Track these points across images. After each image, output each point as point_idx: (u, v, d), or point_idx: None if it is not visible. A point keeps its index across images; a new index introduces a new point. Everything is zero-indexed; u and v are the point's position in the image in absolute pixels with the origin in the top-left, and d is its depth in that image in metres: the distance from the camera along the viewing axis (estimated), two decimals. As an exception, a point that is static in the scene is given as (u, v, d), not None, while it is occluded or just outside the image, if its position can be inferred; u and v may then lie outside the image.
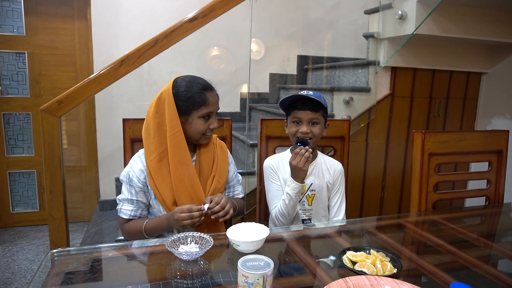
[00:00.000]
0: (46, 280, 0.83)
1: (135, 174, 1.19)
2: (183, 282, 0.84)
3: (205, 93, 1.18)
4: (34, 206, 3.00)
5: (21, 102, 2.85)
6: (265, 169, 1.41)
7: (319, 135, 1.33)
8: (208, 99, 1.18)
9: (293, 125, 1.34)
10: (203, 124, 1.20)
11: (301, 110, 1.30)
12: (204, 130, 1.21)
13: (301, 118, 1.31)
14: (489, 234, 1.28)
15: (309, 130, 1.30)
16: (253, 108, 2.93)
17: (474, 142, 1.56)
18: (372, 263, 0.89)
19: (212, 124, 1.22)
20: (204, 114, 1.19)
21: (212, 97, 1.20)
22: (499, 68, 2.58)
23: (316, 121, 1.31)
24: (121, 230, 1.26)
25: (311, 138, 1.31)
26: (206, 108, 1.18)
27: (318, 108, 1.30)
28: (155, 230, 1.19)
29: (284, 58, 3.16)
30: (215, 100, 1.21)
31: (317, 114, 1.30)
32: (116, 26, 2.63)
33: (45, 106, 1.47)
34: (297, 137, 1.32)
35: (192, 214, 1.08)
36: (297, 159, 1.23)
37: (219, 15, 1.66)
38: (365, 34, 2.45)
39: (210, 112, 1.20)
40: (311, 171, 1.38)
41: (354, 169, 2.34)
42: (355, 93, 2.30)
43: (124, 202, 1.22)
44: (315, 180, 1.38)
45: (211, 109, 1.20)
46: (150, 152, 1.19)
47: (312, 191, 1.37)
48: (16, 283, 2.15)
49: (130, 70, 1.57)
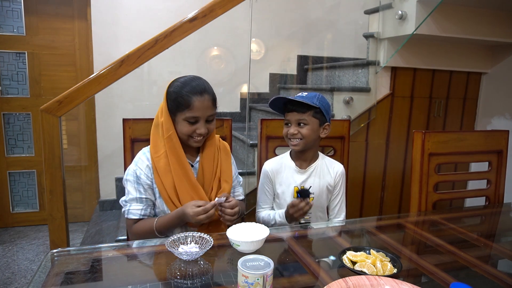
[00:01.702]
0: (46, 280, 0.83)
1: (142, 171, 1.17)
2: (183, 282, 0.84)
3: (192, 96, 1.12)
4: (34, 206, 3.00)
5: (21, 102, 2.85)
6: (263, 172, 1.42)
7: (309, 136, 1.31)
8: (193, 103, 1.12)
9: (285, 127, 1.36)
10: (186, 127, 1.15)
11: (289, 112, 1.32)
12: (189, 133, 1.16)
13: (290, 119, 1.32)
14: (489, 234, 1.28)
15: (297, 131, 1.30)
16: (253, 108, 2.93)
17: (474, 142, 1.56)
18: (372, 263, 0.89)
19: (199, 129, 1.15)
20: (188, 118, 1.14)
21: (199, 102, 1.13)
22: (499, 68, 2.58)
23: (304, 122, 1.30)
24: (130, 232, 1.20)
25: (301, 138, 1.30)
26: (190, 112, 1.13)
27: (305, 109, 1.29)
28: (167, 227, 1.15)
29: (284, 58, 3.16)
30: (203, 106, 1.14)
31: (304, 115, 1.29)
32: (116, 26, 2.63)
33: (45, 106, 1.47)
34: (287, 138, 1.33)
35: (206, 208, 1.07)
36: (294, 210, 1.21)
37: (219, 15, 1.66)
38: (365, 34, 2.45)
39: (195, 117, 1.14)
40: (310, 173, 1.37)
41: (354, 169, 2.34)
42: (355, 93, 2.30)
43: (132, 202, 1.17)
44: (315, 183, 1.36)
45: (196, 114, 1.13)
46: (158, 149, 1.18)
47: (311, 194, 1.36)
48: (16, 283, 2.15)
49: (130, 70, 1.57)
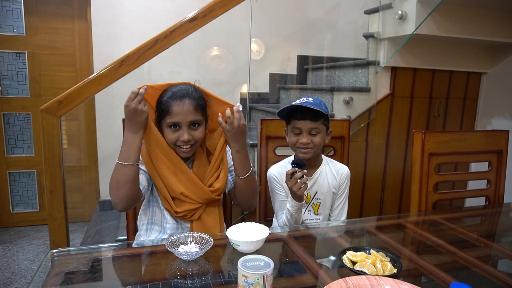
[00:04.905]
0: (46, 280, 0.83)
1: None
2: (183, 282, 0.84)
3: (171, 101, 1.09)
4: (34, 206, 3.00)
5: (21, 102, 2.85)
6: (269, 179, 1.38)
7: (321, 144, 1.28)
8: (171, 108, 1.09)
9: (293, 135, 1.29)
10: (170, 134, 1.12)
11: (301, 120, 1.25)
12: (174, 141, 1.12)
13: (301, 128, 1.26)
14: (489, 234, 1.28)
15: (310, 140, 1.25)
16: (253, 108, 2.93)
17: (474, 142, 1.56)
18: (372, 263, 0.89)
19: (181, 136, 1.10)
20: (169, 124, 1.11)
21: (177, 107, 1.09)
22: (499, 68, 2.58)
23: (317, 131, 1.26)
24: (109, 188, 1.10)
25: (311, 147, 1.27)
26: (170, 118, 1.10)
27: (318, 117, 1.25)
28: (123, 150, 1.09)
29: (284, 58, 3.16)
30: (182, 110, 1.09)
31: (317, 123, 1.25)
32: (116, 26, 2.64)
33: (45, 106, 1.47)
34: (298, 147, 1.28)
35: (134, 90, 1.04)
36: (292, 182, 1.17)
37: (219, 15, 1.66)
38: (365, 34, 2.45)
39: (175, 123, 1.10)
40: (315, 179, 1.35)
41: (354, 169, 2.34)
42: (355, 93, 2.30)
43: None
44: (320, 189, 1.35)
45: (175, 119, 1.09)
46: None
47: (317, 199, 1.35)
48: (16, 283, 2.15)
49: (130, 70, 1.57)
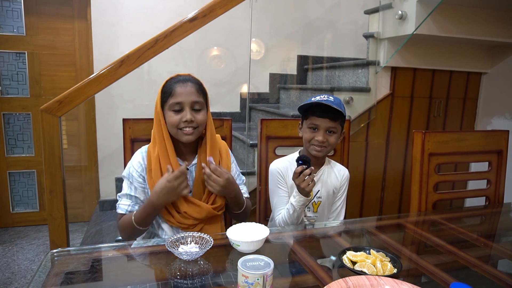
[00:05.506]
0: (46, 280, 0.83)
1: (135, 170, 1.18)
2: (183, 282, 0.84)
3: (175, 84, 1.15)
4: (34, 206, 3.00)
5: (21, 102, 2.85)
6: (272, 173, 1.36)
7: (334, 145, 1.28)
8: (175, 89, 1.14)
9: (310, 131, 1.28)
10: (172, 116, 1.15)
11: (320, 118, 1.23)
12: (176, 123, 1.15)
13: (319, 125, 1.24)
14: (489, 234, 1.28)
15: (326, 139, 1.24)
16: (253, 108, 2.93)
17: (474, 142, 1.56)
18: (372, 263, 0.89)
19: (184, 116, 1.14)
20: (172, 105, 1.14)
21: (180, 88, 1.14)
22: (499, 68, 2.58)
23: (334, 130, 1.25)
24: (118, 228, 1.21)
25: (326, 146, 1.26)
26: (173, 98, 1.14)
27: (337, 117, 1.24)
28: (143, 216, 1.14)
29: (284, 58, 3.16)
30: (185, 91, 1.14)
31: (335, 123, 1.24)
32: (116, 26, 2.64)
33: (45, 106, 1.47)
34: (312, 144, 1.27)
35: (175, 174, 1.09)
36: (300, 179, 1.16)
37: (219, 15, 1.66)
38: (365, 34, 2.45)
39: (178, 103, 1.14)
40: (318, 178, 1.35)
41: (354, 169, 2.34)
42: (355, 93, 2.30)
43: (123, 197, 1.20)
44: (323, 188, 1.35)
45: (178, 99, 1.14)
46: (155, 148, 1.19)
47: (319, 198, 1.35)
48: (16, 283, 2.15)
49: (130, 70, 1.57)
